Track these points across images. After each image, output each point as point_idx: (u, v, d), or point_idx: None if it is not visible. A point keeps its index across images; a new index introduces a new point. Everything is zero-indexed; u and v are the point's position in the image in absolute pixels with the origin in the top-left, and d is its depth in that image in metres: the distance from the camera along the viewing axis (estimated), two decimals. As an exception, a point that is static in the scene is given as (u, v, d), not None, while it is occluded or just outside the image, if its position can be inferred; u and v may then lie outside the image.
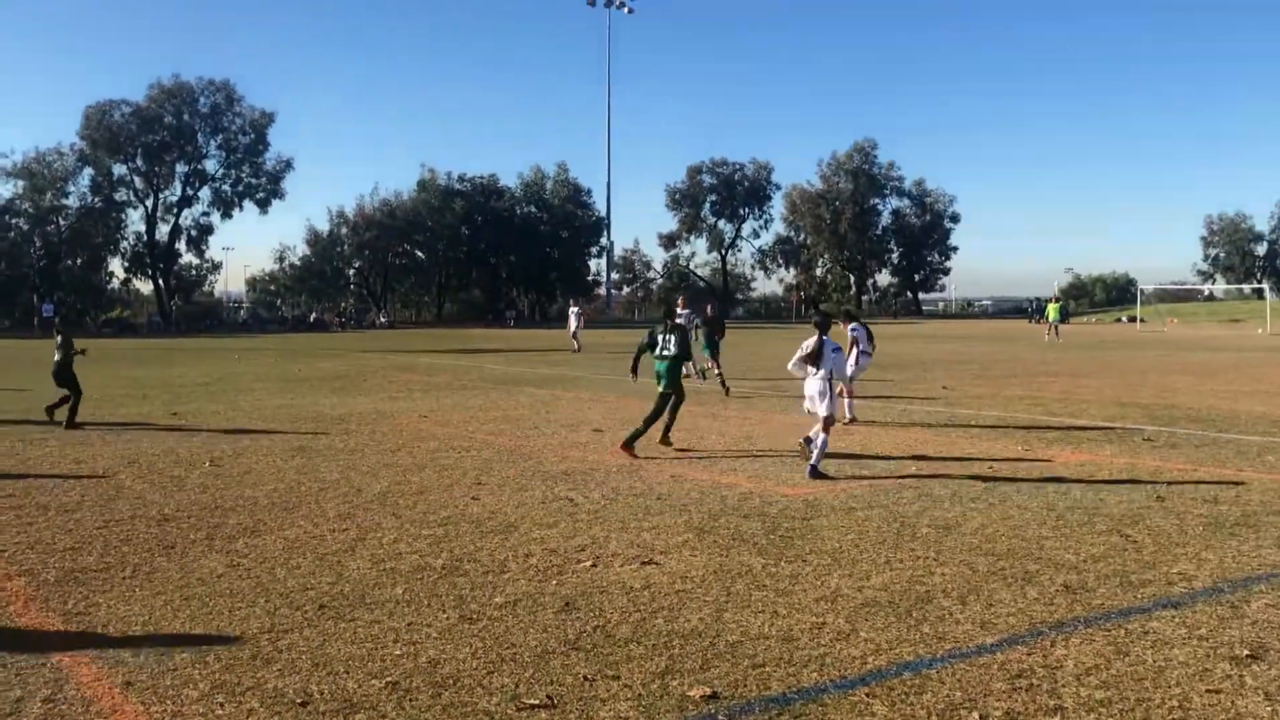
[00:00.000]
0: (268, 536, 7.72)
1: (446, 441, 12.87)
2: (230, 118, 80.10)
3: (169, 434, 13.58)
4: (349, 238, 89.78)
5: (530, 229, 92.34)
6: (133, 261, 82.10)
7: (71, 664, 4.99)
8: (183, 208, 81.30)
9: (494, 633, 5.49)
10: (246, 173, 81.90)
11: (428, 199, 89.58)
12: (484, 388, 20.98)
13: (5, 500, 9.05)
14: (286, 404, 17.62)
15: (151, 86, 77.65)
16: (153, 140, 77.16)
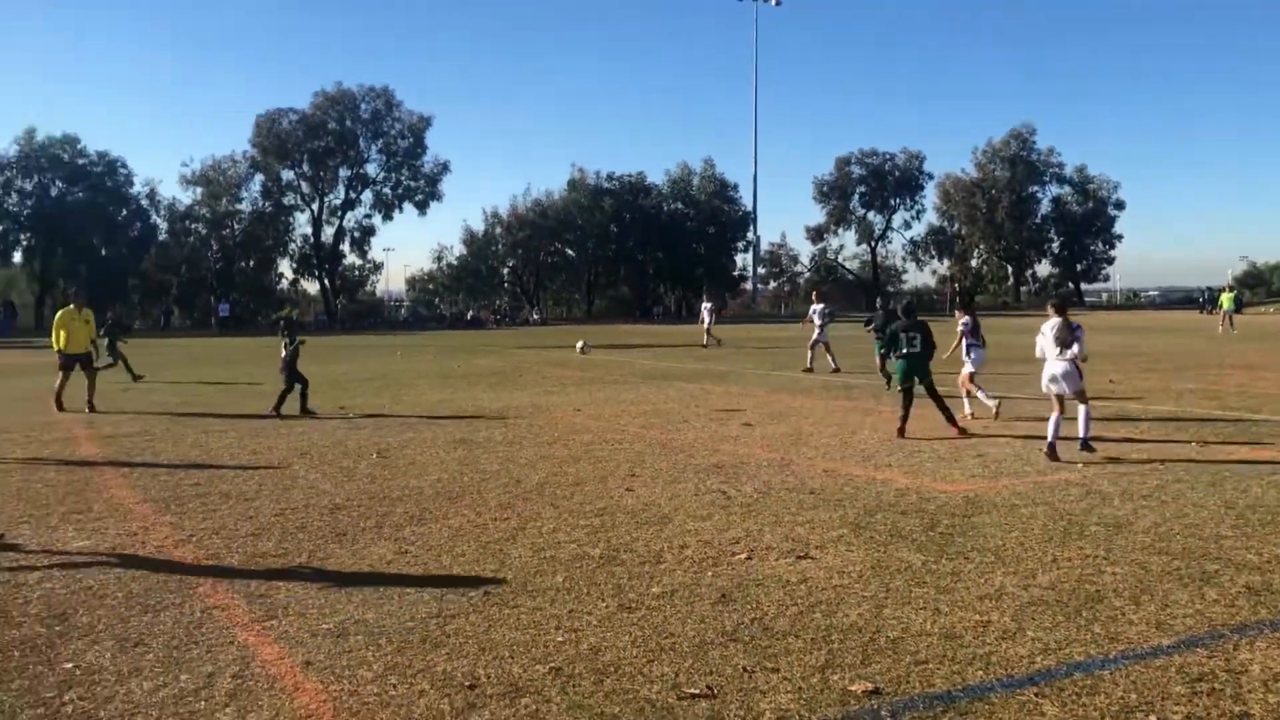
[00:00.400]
0: (433, 525, 7.98)
1: (600, 435, 13.05)
2: (390, 122, 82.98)
3: (337, 427, 14.16)
4: (503, 237, 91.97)
5: (677, 225, 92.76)
6: (300, 263, 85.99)
7: (256, 643, 5.28)
8: (346, 210, 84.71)
9: (652, 622, 5.55)
10: (405, 175, 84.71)
11: (578, 198, 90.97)
12: (634, 382, 21.18)
13: (192, 488, 9.61)
14: (447, 398, 18.16)
15: (316, 94, 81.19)
16: (318, 146, 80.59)
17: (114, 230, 78.22)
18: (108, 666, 4.97)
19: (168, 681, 4.77)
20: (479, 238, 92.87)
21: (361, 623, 5.58)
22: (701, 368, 25.10)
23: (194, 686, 4.71)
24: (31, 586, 6.35)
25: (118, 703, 4.53)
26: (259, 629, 5.50)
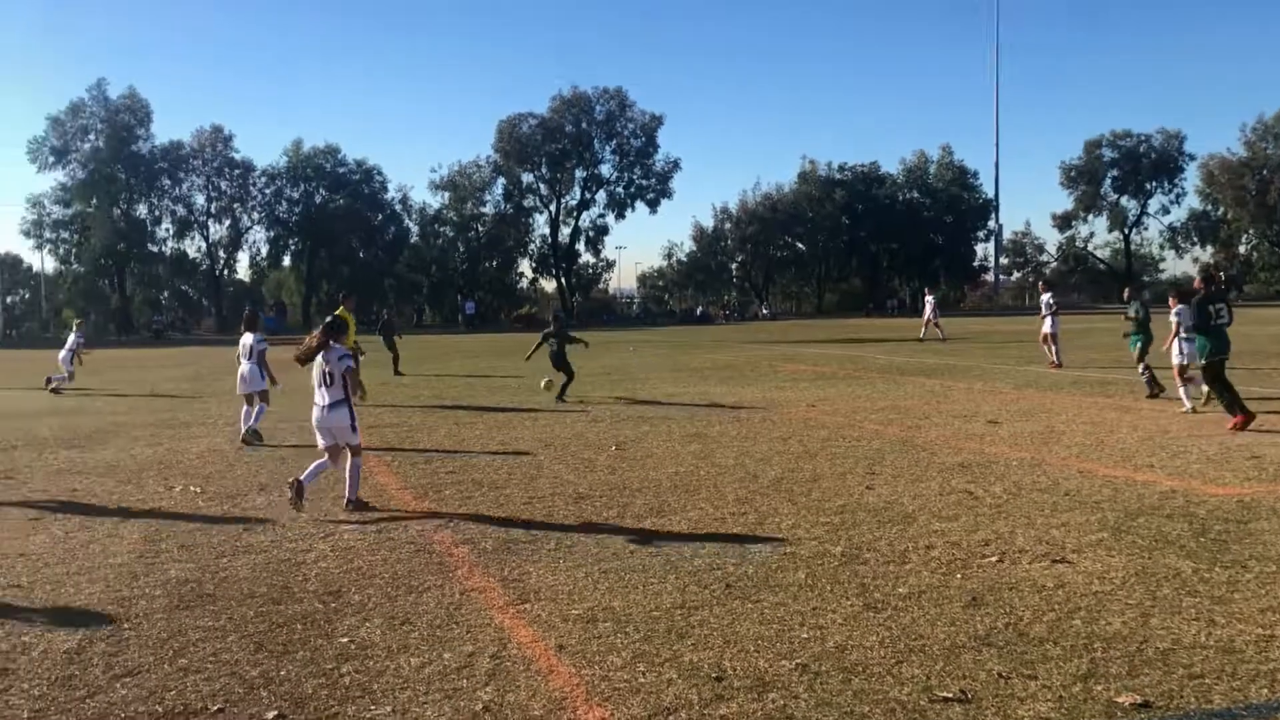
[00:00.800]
0: (672, 517, 8.10)
1: (836, 430, 12.88)
2: (623, 123, 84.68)
3: (578, 418, 14.59)
4: (732, 232, 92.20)
5: (913, 215, 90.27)
6: (539, 262, 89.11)
7: (512, 625, 5.51)
8: (581, 210, 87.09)
9: (900, 623, 5.43)
10: (638, 174, 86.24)
11: (809, 190, 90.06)
12: (870, 377, 20.78)
13: (448, 475, 10.14)
14: (680, 392, 18.39)
15: (554, 99, 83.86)
16: (555, 149, 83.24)
17: (371, 234, 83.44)
18: (378, 642, 5.30)
19: (432, 659, 5.04)
20: (708, 233, 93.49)
21: (609, 610, 5.73)
22: (941, 363, 24.35)
23: (456, 665, 4.96)
24: (309, 565, 6.86)
25: (389, 676, 4.83)
26: (514, 612, 5.74)
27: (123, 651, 5.22)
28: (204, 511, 8.72)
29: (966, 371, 21.58)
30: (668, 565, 6.66)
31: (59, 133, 73.87)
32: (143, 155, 75.61)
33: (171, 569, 6.81)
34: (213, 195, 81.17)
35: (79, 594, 6.27)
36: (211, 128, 79.87)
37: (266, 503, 9.02)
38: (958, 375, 20.70)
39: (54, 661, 5.10)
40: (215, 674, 4.90)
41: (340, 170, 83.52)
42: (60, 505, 9.12)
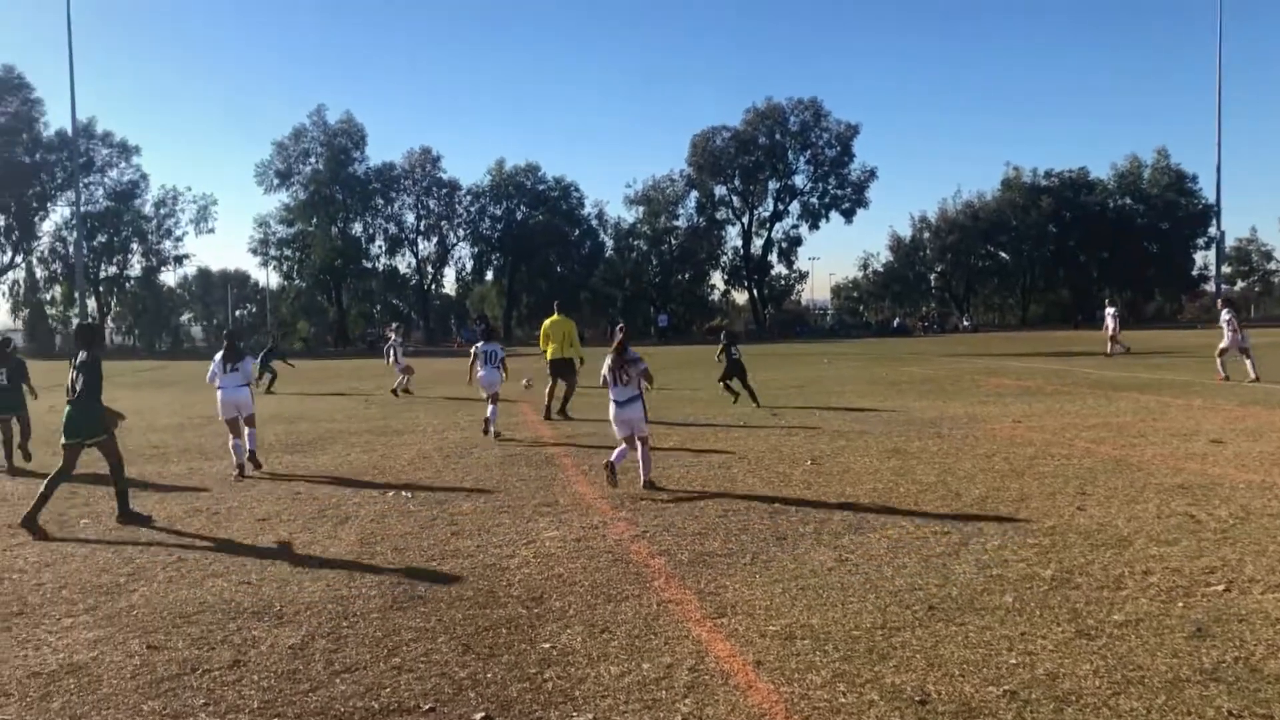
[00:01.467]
0: (871, 535, 7.94)
1: (1043, 448, 12.35)
2: (817, 133, 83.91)
3: (771, 431, 14.51)
4: (931, 242, 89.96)
5: (1125, 223, 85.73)
6: (731, 274, 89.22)
7: (709, 639, 5.53)
8: (774, 222, 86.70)
9: (1116, 652, 5.16)
10: (832, 184, 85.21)
11: (1012, 198, 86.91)
12: (1079, 392, 19.84)
13: (642, 487, 10.25)
14: (876, 406, 18.03)
15: (747, 111, 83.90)
16: (748, 161, 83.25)
17: (568, 248, 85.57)
18: (579, 649, 5.41)
19: (631, 668, 5.11)
20: (906, 243, 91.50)
21: (807, 627, 5.67)
22: (1155, 378, 23.00)
23: (654, 676, 5.01)
24: (513, 571, 7.07)
25: (589, 684, 4.93)
26: (710, 625, 5.75)
27: (342, 648, 5.52)
28: (415, 516, 9.12)
29: (1185, 387, 20.31)
30: (867, 584, 6.54)
31: (283, 157, 79.03)
32: (358, 176, 79.97)
33: (386, 571, 7.16)
34: (422, 213, 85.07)
35: (302, 592, 6.65)
36: (421, 149, 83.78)
37: (473, 509, 9.35)
38: (1175, 391, 19.51)
39: (280, 655, 5.43)
40: (426, 673, 5.11)
41: (540, 187, 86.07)
42: (284, 507, 9.71)
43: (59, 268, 78.85)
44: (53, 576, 7.22)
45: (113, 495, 9.38)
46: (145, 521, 9.11)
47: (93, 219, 76.84)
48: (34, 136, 74.91)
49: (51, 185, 76.87)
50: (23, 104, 73.86)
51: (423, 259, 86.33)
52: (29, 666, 5.33)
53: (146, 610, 6.30)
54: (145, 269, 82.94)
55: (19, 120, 73.58)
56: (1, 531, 8.84)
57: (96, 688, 5.02)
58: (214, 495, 10.45)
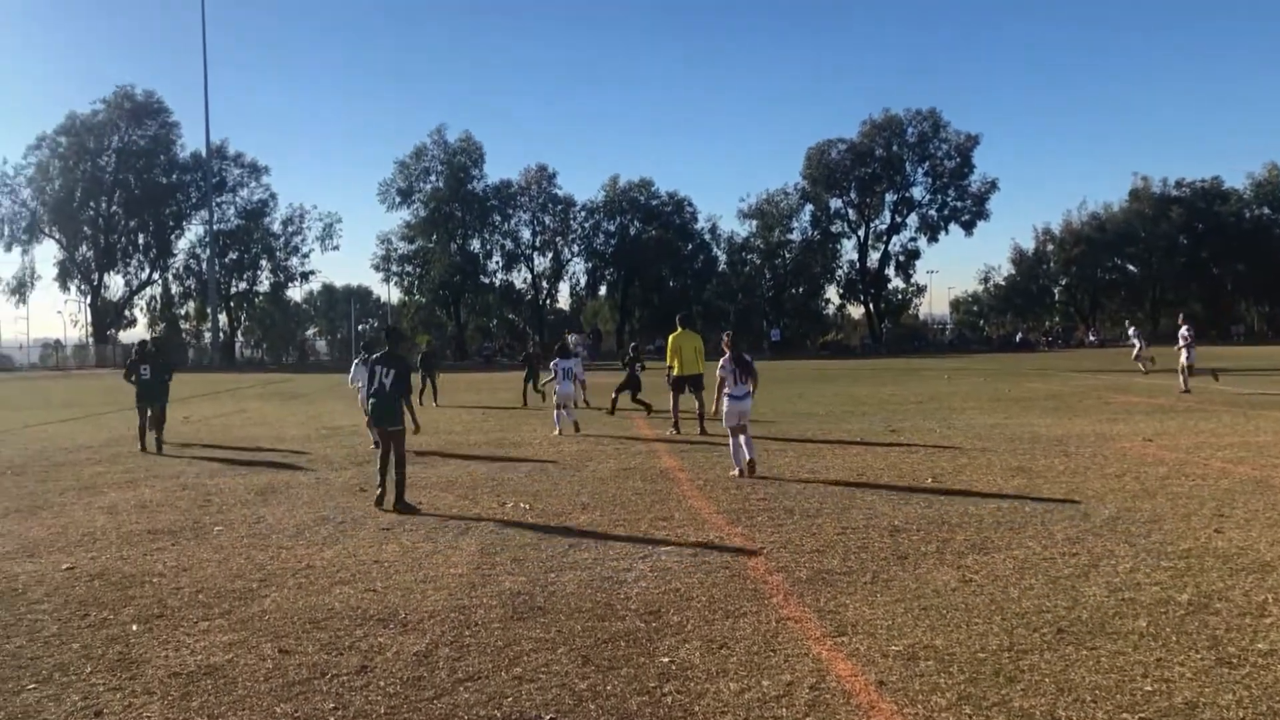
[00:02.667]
0: (996, 555, 7.74)
1: (1176, 468, 11.88)
2: (936, 144, 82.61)
3: (890, 449, 14.28)
4: (1054, 254, 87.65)
5: (1262, 234, 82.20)
6: (846, 288, 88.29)
7: (830, 657, 5.45)
8: (891, 235, 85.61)
9: (1260, 682, 4.92)
10: (951, 196, 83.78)
11: (1140, 209, 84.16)
12: (1214, 410, 19.04)
13: (759, 503, 10.19)
14: (999, 424, 17.59)
15: (863, 123, 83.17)
16: (864, 173, 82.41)
17: (680, 263, 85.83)
18: (698, 664, 5.39)
19: (751, 685, 5.07)
20: (1028, 256, 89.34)
21: (931, 648, 5.54)
22: (1298, 395, 21.94)
23: (775, 693, 4.96)
24: (630, 584, 7.09)
25: (709, 699, 4.90)
26: (831, 644, 5.67)
27: (465, 657, 5.60)
28: (533, 527, 9.22)
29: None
30: (992, 604, 6.37)
31: (404, 175, 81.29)
32: (476, 194, 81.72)
33: (506, 581, 7.25)
34: (537, 229, 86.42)
35: (425, 601, 6.79)
36: (537, 166, 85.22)
37: (589, 521, 9.42)
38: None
39: (405, 663, 5.54)
40: (547, 684, 5.16)
41: (653, 203, 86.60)
42: (407, 517, 9.92)
43: (192, 284, 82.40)
44: (189, 581, 7.51)
45: (242, 502, 9.73)
46: (415, 510, 10.21)
47: (224, 237, 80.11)
48: (171, 158, 78.62)
49: (186, 205, 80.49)
50: (161, 128, 77.57)
51: (538, 274, 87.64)
52: (170, 666, 5.55)
53: (278, 615, 6.51)
54: (273, 285, 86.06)
55: (157, 143, 77.28)
56: (142, 536, 9.24)
57: (232, 689, 5.19)
58: (339, 505, 10.74)
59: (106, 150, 76.29)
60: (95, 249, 78.40)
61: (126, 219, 78.85)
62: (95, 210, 77.42)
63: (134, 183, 76.87)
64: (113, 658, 5.73)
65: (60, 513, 10.64)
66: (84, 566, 8.05)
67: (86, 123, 75.08)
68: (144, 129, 76.90)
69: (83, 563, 8.19)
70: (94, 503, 11.23)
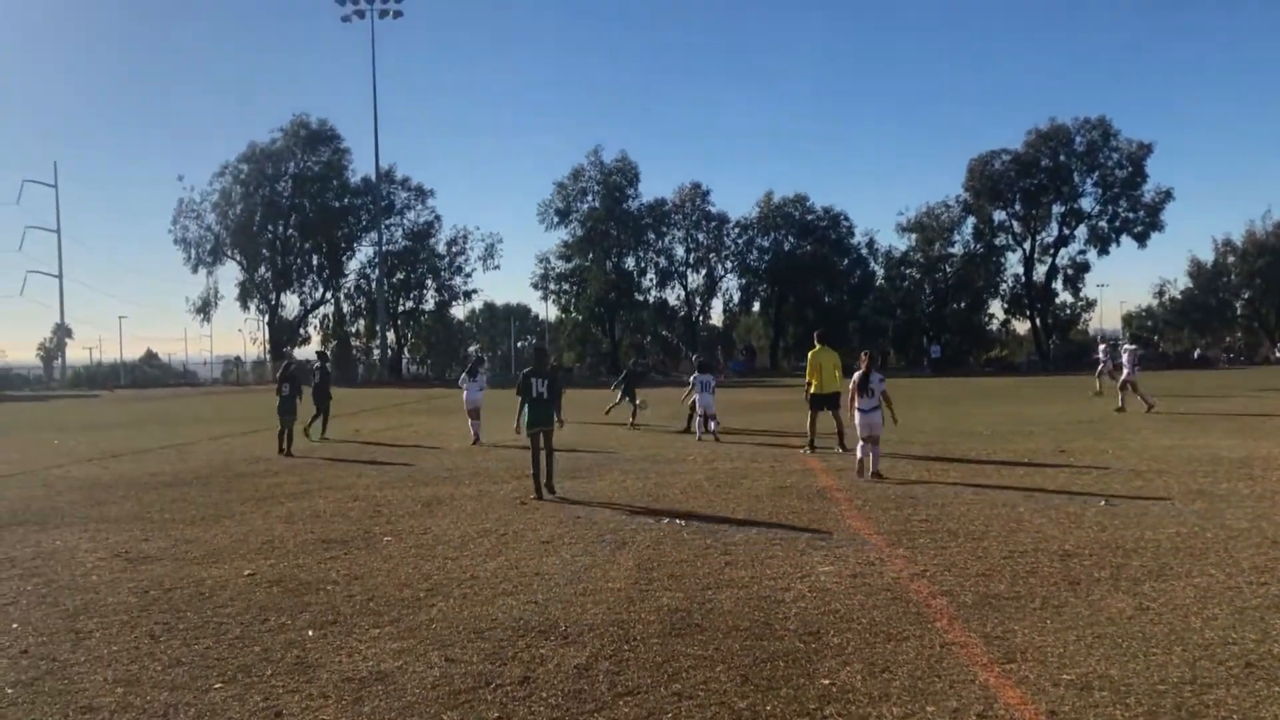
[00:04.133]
0: (1175, 582, 7.36)
1: (1379, 494, 11.07)
2: (1106, 154, 79.46)
3: (1060, 469, 13.75)
4: (1236, 266, 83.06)
5: None
6: (1011, 303, 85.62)
7: (997, 684, 5.27)
8: (1059, 248, 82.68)
9: None
10: (1123, 207, 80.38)
11: (1333, 216, 79.04)
12: None
13: (921, 524, 9.95)
14: (1177, 444, 16.73)
15: (1029, 132, 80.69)
16: (1030, 184, 79.84)
17: (835, 278, 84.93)
18: (859, 687, 5.30)
19: (914, 710, 4.95)
20: (1207, 268, 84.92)
21: (1106, 678, 5.31)
22: None
23: (940, 719, 4.83)
24: (788, 604, 7.02)
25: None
26: (998, 670, 5.49)
27: (624, 671, 5.65)
28: (689, 544, 9.24)
29: None
30: (1172, 634, 6.06)
31: (562, 196, 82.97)
32: (631, 213, 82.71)
33: (663, 597, 7.28)
34: (691, 246, 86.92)
35: (585, 614, 6.88)
36: (690, 184, 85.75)
37: (745, 539, 9.37)
38: None
39: (566, 675, 5.63)
40: (706, 702, 5.15)
41: (808, 218, 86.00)
42: (566, 530, 10.08)
43: (362, 303, 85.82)
44: (361, 589, 7.81)
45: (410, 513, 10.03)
46: (554, 495, 12.35)
47: (393, 257, 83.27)
48: (342, 183, 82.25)
49: (357, 227, 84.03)
50: (334, 154, 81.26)
51: (691, 291, 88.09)
52: (343, 671, 5.78)
53: (444, 624, 6.70)
54: (438, 303, 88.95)
55: (330, 169, 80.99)
56: (316, 545, 9.65)
57: (401, 695, 5.37)
58: (501, 517, 11.00)
59: (284, 176, 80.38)
60: (273, 270, 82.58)
61: (301, 241, 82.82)
62: (273, 233, 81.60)
63: (309, 207, 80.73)
64: (291, 661, 6.00)
65: (241, 521, 11.23)
66: (263, 573, 8.46)
67: (265, 150, 79.29)
68: (318, 155, 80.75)
69: (262, 569, 8.61)
70: (272, 512, 11.81)
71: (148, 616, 7.10)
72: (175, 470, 16.52)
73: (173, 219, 79.85)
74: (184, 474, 15.93)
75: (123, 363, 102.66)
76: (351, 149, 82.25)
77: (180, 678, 5.74)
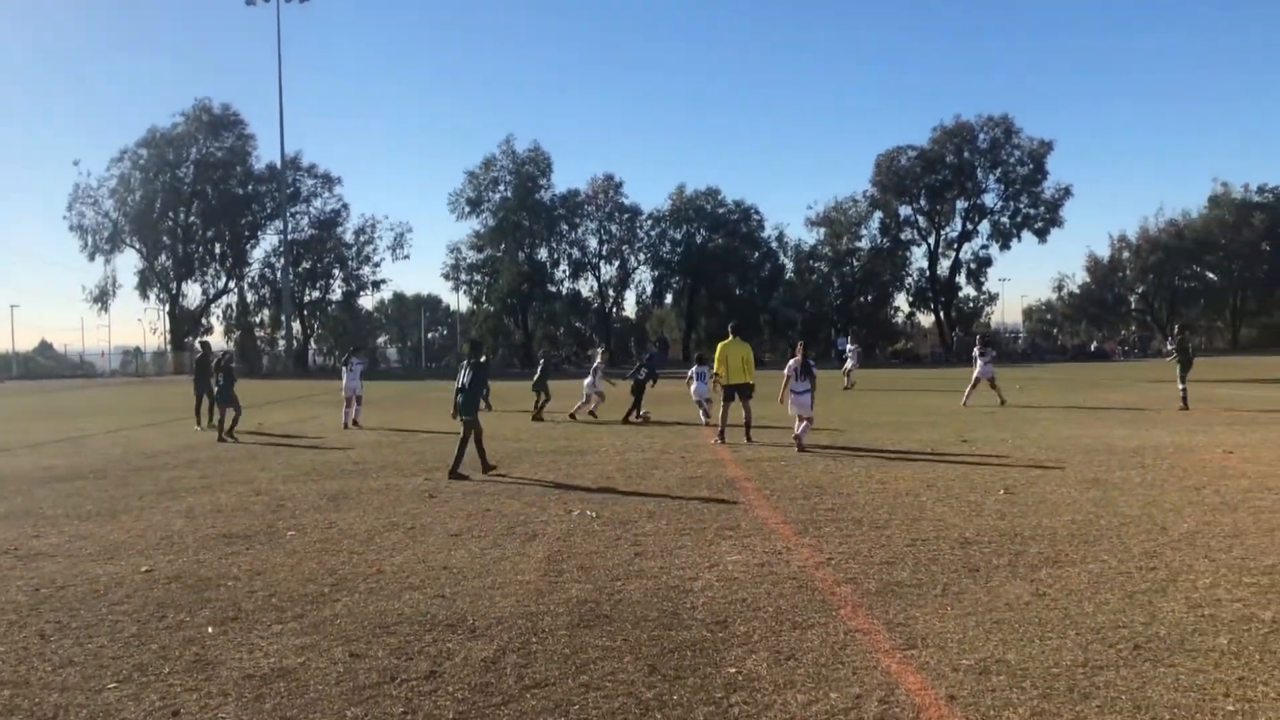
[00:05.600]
0: (1070, 569, 7.59)
1: (1259, 481, 11.56)
2: (1008, 151, 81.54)
3: (962, 460, 14.07)
4: (1131, 262, 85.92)
5: (1350, 240, 79.80)
6: (916, 296, 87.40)
7: (899, 670, 5.38)
8: (962, 242, 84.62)
9: (1351, 705, 4.76)
10: (1024, 203, 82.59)
11: (1221, 215, 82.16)
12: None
13: (827, 513, 10.11)
14: (1074, 435, 17.26)
15: (934, 129, 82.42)
16: (935, 180, 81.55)
17: (746, 271, 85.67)
18: (764, 675, 5.36)
19: (818, 698, 5.02)
20: (1103, 264, 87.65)
21: (1003, 662, 5.45)
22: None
23: (843, 706, 4.91)
24: (697, 594, 7.07)
25: (776, 711, 4.87)
26: (900, 656, 5.60)
27: (532, 664, 5.63)
28: (599, 535, 9.23)
29: None
30: (1066, 619, 6.24)
31: (474, 185, 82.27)
32: (544, 203, 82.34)
33: (573, 589, 7.28)
34: (604, 238, 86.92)
35: (493, 607, 6.83)
36: (604, 176, 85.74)
37: (656, 530, 9.41)
38: None
39: (473, 668, 5.59)
40: (613, 693, 5.16)
41: (720, 211, 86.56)
42: (475, 524, 10.01)
43: (267, 292, 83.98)
44: (263, 585, 7.65)
45: (315, 507, 9.84)
46: (498, 475, 13.35)
47: (298, 246, 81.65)
48: (247, 170, 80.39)
49: (261, 215, 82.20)
50: (237, 140, 79.36)
51: (604, 283, 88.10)
52: (244, 669, 5.66)
53: (349, 620, 6.60)
54: (345, 293, 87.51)
55: (234, 155, 79.08)
56: (218, 540, 9.43)
57: (304, 692, 5.28)
58: (409, 511, 10.87)
59: (185, 162, 78.23)
60: (174, 258, 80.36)
61: (204, 229, 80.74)
62: (174, 220, 79.40)
63: (211, 194, 78.70)
64: (189, 659, 5.85)
65: (139, 516, 10.92)
66: (162, 569, 8.24)
67: (166, 135, 77.06)
68: (221, 141, 78.76)
69: (161, 565, 8.38)
70: (172, 507, 11.50)
71: (38, 615, 6.87)
72: (70, 464, 15.99)
73: (68, 205, 77.27)
74: (79, 468, 15.43)
75: (15, 353, 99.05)
76: (256, 135, 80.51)
77: (72, 678, 5.56)
